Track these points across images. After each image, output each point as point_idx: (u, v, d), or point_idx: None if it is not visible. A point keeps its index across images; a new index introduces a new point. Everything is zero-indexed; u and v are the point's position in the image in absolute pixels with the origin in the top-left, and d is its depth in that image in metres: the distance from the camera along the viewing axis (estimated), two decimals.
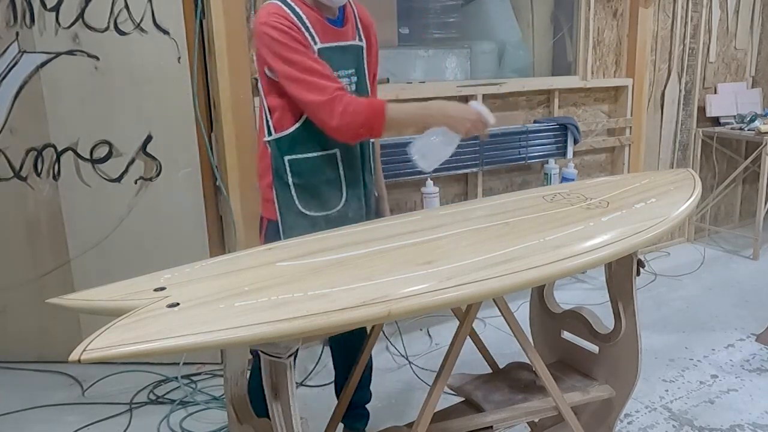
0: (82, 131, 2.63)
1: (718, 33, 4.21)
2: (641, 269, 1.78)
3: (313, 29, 1.68)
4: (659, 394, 2.54)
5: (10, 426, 2.39)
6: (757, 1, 4.35)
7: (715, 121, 4.33)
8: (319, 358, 2.80)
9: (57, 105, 2.60)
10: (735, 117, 4.23)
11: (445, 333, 3.06)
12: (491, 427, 1.68)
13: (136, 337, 1.02)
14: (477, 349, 1.91)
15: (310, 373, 2.73)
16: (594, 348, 1.92)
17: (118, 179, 2.66)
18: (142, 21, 2.50)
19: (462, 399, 1.85)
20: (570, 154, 3.51)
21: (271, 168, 1.78)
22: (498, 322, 2.87)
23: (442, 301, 1.23)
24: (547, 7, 3.89)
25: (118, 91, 2.57)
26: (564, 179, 3.44)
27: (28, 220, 2.72)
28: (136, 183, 2.67)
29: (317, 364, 2.79)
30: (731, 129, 4.17)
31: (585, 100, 3.73)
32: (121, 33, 2.52)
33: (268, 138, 1.77)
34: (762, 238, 4.10)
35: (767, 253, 4.17)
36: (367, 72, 1.86)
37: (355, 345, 1.96)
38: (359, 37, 1.83)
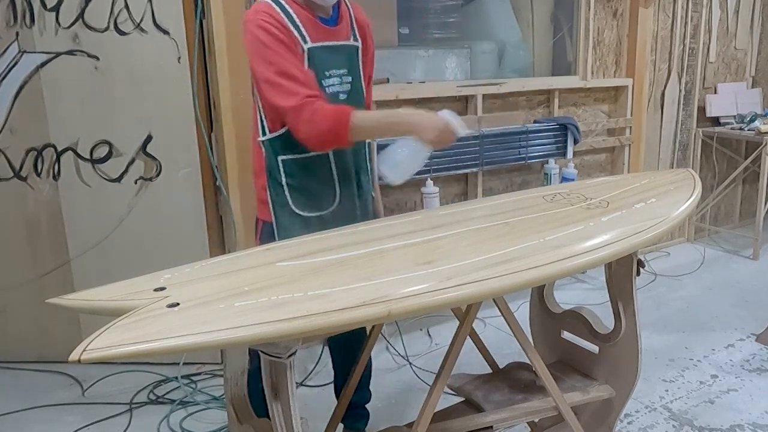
0: (82, 131, 2.63)
1: (718, 33, 4.21)
2: (641, 269, 1.78)
3: (303, 28, 1.66)
4: (659, 394, 2.54)
5: (10, 426, 2.39)
6: (757, 1, 4.34)
7: (715, 121, 4.33)
8: (319, 358, 2.80)
9: (57, 105, 2.60)
10: (735, 117, 4.23)
11: (445, 333, 3.06)
12: (491, 427, 1.68)
13: (136, 337, 1.02)
14: (477, 349, 1.91)
15: (310, 373, 2.74)
16: (594, 348, 1.92)
17: (118, 179, 2.66)
18: (142, 21, 2.50)
19: (462, 399, 1.85)
20: (570, 154, 3.50)
21: (265, 169, 1.78)
22: (498, 322, 2.87)
23: (442, 301, 1.23)
24: (547, 7, 3.89)
25: (118, 91, 2.57)
26: (564, 179, 3.43)
27: (28, 220, 2.73)
28: (136, 183, 2.67)
29: (317, 364, 2.79)
30: (731, 129, 4.17)
31: (585, 100, 3.72)
32: (121, 33, 2.52)
33: (262, 138, 1.77)
34: (762, 238, 4.10)
35: (767, 253, 4.17)
36: (362, 72, 1.84)
37: (355, 345, 1.95)
38: (354, 37, 1.81)
